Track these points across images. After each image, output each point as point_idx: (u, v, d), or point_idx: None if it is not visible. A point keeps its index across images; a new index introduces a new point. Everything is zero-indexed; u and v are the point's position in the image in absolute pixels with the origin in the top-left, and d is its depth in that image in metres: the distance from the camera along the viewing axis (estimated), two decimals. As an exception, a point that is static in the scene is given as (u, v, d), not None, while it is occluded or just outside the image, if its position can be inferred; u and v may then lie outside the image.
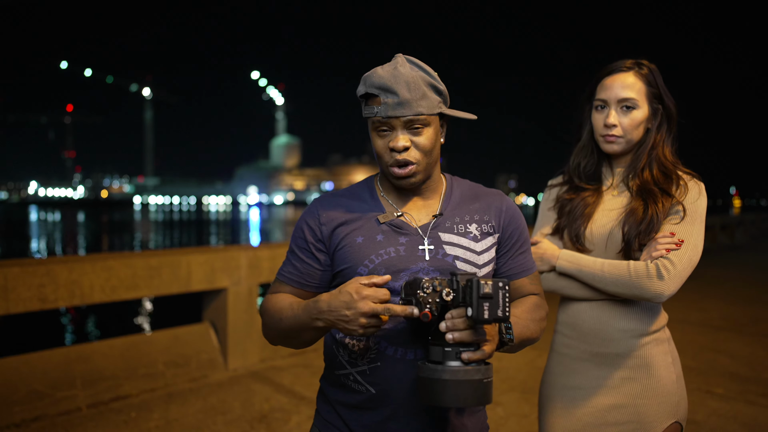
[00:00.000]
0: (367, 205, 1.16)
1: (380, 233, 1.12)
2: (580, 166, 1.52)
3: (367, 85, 1.07)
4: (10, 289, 2.96)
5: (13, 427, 2.82)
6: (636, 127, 1.42)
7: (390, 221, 1.13)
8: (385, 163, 1.10)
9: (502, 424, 3.03)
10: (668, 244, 1.33)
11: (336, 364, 1.16)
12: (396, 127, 1.06)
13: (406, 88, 1.04)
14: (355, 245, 1.11)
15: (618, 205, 1.45)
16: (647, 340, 1.42)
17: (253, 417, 3.09)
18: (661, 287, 1.30)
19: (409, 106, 1.04)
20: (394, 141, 1.06)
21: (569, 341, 1.49)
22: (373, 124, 1.08)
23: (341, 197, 1.19)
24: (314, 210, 1.17)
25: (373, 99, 1.07)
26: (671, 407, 1.40)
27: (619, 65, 1.44)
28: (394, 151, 1.07)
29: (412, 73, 1.06)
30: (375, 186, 1.20)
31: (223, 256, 3.90)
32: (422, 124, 1.06)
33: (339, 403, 1.15)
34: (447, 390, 0.91)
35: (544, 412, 1.52)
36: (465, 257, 1.12)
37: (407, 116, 1.04)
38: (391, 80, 1.04)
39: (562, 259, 1.44)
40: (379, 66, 1.09)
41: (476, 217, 1.17)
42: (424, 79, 1.07)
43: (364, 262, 1.10)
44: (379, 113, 1.05)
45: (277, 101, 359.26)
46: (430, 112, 1.06)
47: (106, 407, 3.13)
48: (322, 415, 1.19)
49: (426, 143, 1.07)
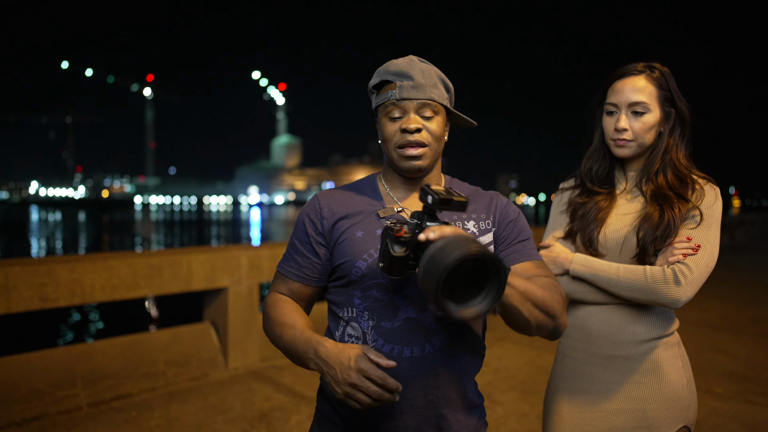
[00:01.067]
0: (369, 200, 1.18)
1: (380, 228, 1.12)
2: (592, 170, 1.50)
3: (382, 73, 1.13)
4: (11, 288, 2.97)
5: (14, 426, 2.84)
6: (647, 131, 1.40)
7: (390, 216, 1.14)
8: (394, 144, 1.11)
9: (502, 423, 3.03)
10: (685, 249, 1.31)
11: None
12: (409, 110, 1.10)
13: (421, 74, 1.10)
14: (355, 239, 1.12)
15: (632, 210, 1.43)
16: (657, 344, 1.40)
17: (253, 416, 3.10)
18: (677, 293, 1.29)
19: (424, 90, 1.09)
20: (407, 122, 1.09)
21: (577, 344, 1.47)
22: (386, 110, 1.11)
23: (343, 191, 1.20)
24: (315, 203, 1.18)
25: (387, 86, 1.12)
26: (681, 412, 1.38)
27: (630, 68, 1.41)
28: (406, 132, 1.09)
29: (426, 65, 1.13)
30: (377, 182, 1.22)
31: (223, 256, 3.91)
32: (433, 112, 1.10)
33: (338, 401, 1.15)
34: (443, 251, 0.81)
35: (550, 416, 1.50)
36: None
37: (422, 99, 1.09)
38: (407, 67, 1.10)
39: (576, 262, 1.42)
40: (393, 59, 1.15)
41: (473, 216, 1.18)
42: (437, 72, 1.13)
43: (363, 256, 1.10)
44: (395, 95, 1.09)
45: (278, 101, 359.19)
46: (441, 102, 1.11)
47: (107, 406, 3.14)
48: (323, 413, 1.19)
49: (437, 129, 1.11)
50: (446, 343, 1.10)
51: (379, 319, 1.10)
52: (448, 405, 1.11)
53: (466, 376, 1.14)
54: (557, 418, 1.47)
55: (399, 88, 1.09)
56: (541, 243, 1.54)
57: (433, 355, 1.09)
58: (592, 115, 1.52)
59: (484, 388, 3.54)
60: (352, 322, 1.12)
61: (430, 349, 1.09)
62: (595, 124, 1.50)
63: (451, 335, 1.11)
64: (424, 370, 1.09)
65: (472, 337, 1.15)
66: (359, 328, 1.11)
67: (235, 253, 3.98)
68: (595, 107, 1.50)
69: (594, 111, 1.51)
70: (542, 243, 1.53)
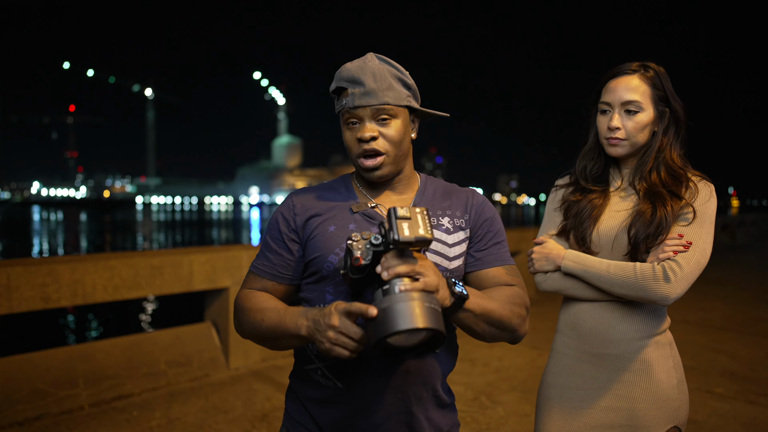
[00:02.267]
0: (342, 197, 1.17)
1: (352, 222, 1.12)
2: (587, 169, 1.51)
3: (337, 79, 1.11)
4: (13, 288, 2.98)
5: (16, 426, 2.84)
6: (640, 130, 1.40)
7: (363, 211, 1.13)
8: (354, 155, 1.11)
9: (503, 424, 3.04)
10: (676, 246, 1.31)
11: (305, 359, 1.15)
12: (364, 118, 1.08)
13: (372, 78, 1.07)
14: (327, 234, 1.11)
15: (625, 207, 1.44)
16: (648, 343, 1.41)
17: (254, 416, 3.10)
18: (667, 290, 1.29)
19: (375, 95, 1.07)
20: (361, 132, 1.08)
21: (569, 341, 1.49)
22: (343, 118, 1.11)
23: (317, 190, 1.21)
24: (289, 201, 1.18)
25: (342, 93, 1.10)
26: (670, 412, 1.39)
27: (624, 68, 1.42)
28: (362, 142, 1.08)
29: (379, 66, 1.09)
30: (351, 181, 1.22)
31: (224, 256, 3.92)
32: (389, 115, 1.08)
33: (307, 398, 1.15)
34: (393, 315, 0.84)
35: (541, 412, 1.51)
36: (435, 248, 1.12)
37: (373, 105, 1.07)
38: (358, 72, 1.08)
39: (568, 259, 1.43)
40: (349, 62, 1.12)
41: (448, 212, 1.18)
42: (391, 72, 1.10)
43: (335, 250, 1.10)
44: (347, 104, 1.08)
45: (279, 101, 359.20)
46: (397, 103, 1.09)
47: (109, 406, 3.15)
48: (291, 415, 1.18)
49: (394, 134, 1.09)
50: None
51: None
52: (418, 403, 1.10)
53: (438, 374, 1.13)
54: (548, 415, 1.48)
55: (351, 96, 1.08)
56: (535, 239, 1.55)
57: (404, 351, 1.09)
58: (587, 115, 1.53)
59: (484, 389, 3.54)
60: None
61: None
62: (590, 123, 1.52)
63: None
64: (395, 367, 1.08)
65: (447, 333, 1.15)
66: None
67: (236, 253, 3.99)
68: (590, 106, 1.51)
69: (589, 110, 1.52)
70: (536, 239, 1.55)
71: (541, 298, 6.25)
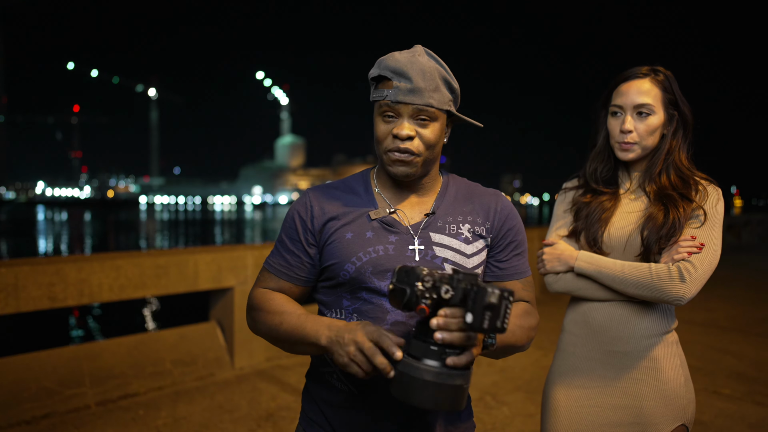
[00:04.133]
0: (360, 200, 1.12)
1: (370, 230, 1.08)
2: (597, 171, 1.52)
3: (382, 67, 1.04)
4: (20, 287, 2.99)
5: (24, 424, 2.86)
6: (651, 133, 1.42)
7: (381, 218, 1.09)
8: (384, 148, 1.05)
9: (508, 424, 3.03)
10: (690, 248, 1.33)
11: (321, 361, 1.13)
12: (403, 114, 1.02)
13: (421, 76, 1.01)
14: (344, 241, 1.08)
15: (636, 209, 1.45)
16: (657, 341, 1.42)
17: (259, 415, 3.11)
18: (682, 290, 1.30)
19: (421, 94, 1.01)
20: (399, 128, 1.02)
21: (576, 340, 1.49)
22: (380, 108, 1.05)
23: (335, 189, 1.15)
24: (306, 200, 1.13)
25: (384, 83, 1.04)
26: (679, 410, 1.40)
27: (635, 72, 1.44)
28: (397, 139, 1.03)
29: (429, 63, 1.03)
30: (370, 180, 1.16)
31: (229, 256, 3.93)
32: (430, 117, 1.03)
33: (323, 401, 1.13)
34: (426, 391, 0.84)
35: (547, 412, 1.51)
36: (454, 260, 1.09)
37: (417, 105, 1.01)
38: (407, 65, 1.01)
39: (581, 260, 1.43)
40: (397, 51, 1.06)
41: (469, 218, 1.13)
42: (440, 72, 1.04)
43: (351, 259, 1.07)
44: (389, 97, 1.02)
45: (282, 101, 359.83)
46: (440, 107, 1.03)
47: (115, 405, 3.16)
48: (308, 414, 1.16)
49: (431, 137, 1.04)
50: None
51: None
52: (435, 412, 1.07)
53: None
54: (554, 413, 1.48)
55: (395, 89, 1.01)
56: (545, 241, 1.55)
57: None
58: (596, 117, 1.54)
59: (489, 389, 3.54)
60: None
61: None
62: (599, 126, 1.53)
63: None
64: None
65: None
66: None
67: (241, 253, 3.99)
68: (599, 109, 1.52)
69: (598, 113, 1.53)
70: (546, 241, 1.55)
71: (547, 298, 6.23)
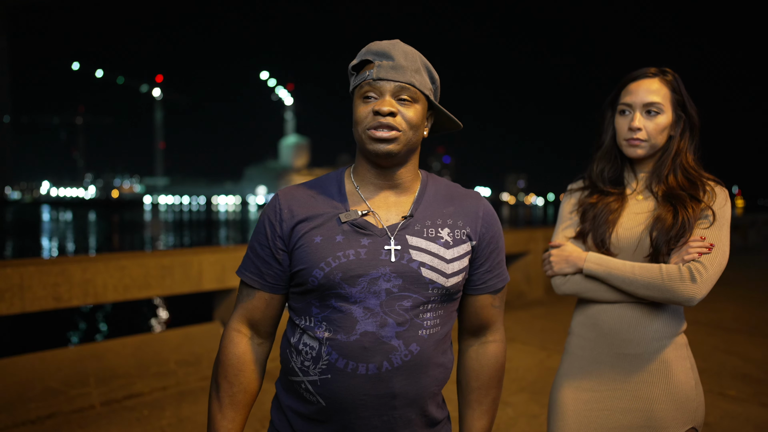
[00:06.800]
0: (332, 201, 1.07)
1: (340, 233, 1.03)
2: (604, 172, 1.52)
3: (362, 54, 1.04)
4: (26, 288, 3.00)
5: (29, 424, 2.87)
6: (660, 132, 1.42)
7: (352, 220, 1.04)
8: (364, 126, 1.01)
9: (512, 425, 3.02)
10: (700, 248, 1.32)
11: (290, 370, 1.08)
12: (384, 93, 1.00)
13: (404, 56, 1.02)
14: (313, 245, 1.03)
15: (644, 210, 1.44)
16: (667, 343, 1.41)
17: (263, 415, 3.11)
18: (693, 290, 1.30)
19: (404, 72, 1.00)
20: (380, 104, 0.99)
21: (585, 342, 1.48)
22: (360, 91, 1.02)
23: (306, 189, 1.11)
24: (275, 203, 1.09)
25: (365, 67, 1.03)
26: (689, 413, 1.39)
27: (644, 72, 1.44)
28: (378, 114, 0.99)
29: (411, 48, 1.05)
30: (344, 179, 1.11)
31: (233, 256, 3.93)
32: (411, 98, 1.01)
33: (292, 411, 1.08)
34: None
35: (555, 414, 1.49)
36: (432, 264, 1.03)
37: (399, 81, 0.99)
38: (389, 47, 1.02)
39: (590, 261, 1.42)
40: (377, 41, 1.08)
41: (449, 222, 1.08)
42: (422, 59, 1.05)
43: (320, 264, 1.01)
44: (371, 75, 1.00)
45: (286, 101, 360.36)
46: (422, 89, 1.02)
47: (119, 405, 3.17)
48: (275, 426, 1.12)
49: (413, 117, 1.01)
50: (407, 361, 1.01)
51: (335, 331, 1.01)
52: (406, 426, 1.04)
53: (429, 393, 1.05)
54: (562, 417, 1.47)
55: (377, 67, 1.00)
56: (552, 242, 1.54)
57: (391, 373, 1.00)
58: (602, 117, 1.53)
59: (494, 389, 3.52)
60: (309, 332, 1.04)
61: (388, 367, 1.00)
62: (605, 125, 1.52)
63: (414, 353, 1.02)
64: (381, 389, 1.00)
65: (439, 353, 1.06)
66: (315, 338, 1.03)
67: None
68: (606, 109, 1.52)
69: (604, 113, 1.52)
70: (553, 242, 1.54)
71: (551, 299, 6.21)
